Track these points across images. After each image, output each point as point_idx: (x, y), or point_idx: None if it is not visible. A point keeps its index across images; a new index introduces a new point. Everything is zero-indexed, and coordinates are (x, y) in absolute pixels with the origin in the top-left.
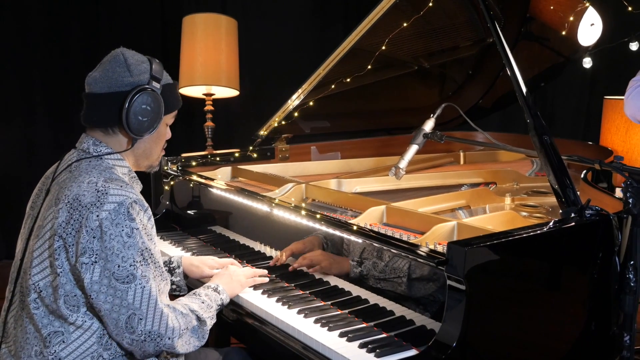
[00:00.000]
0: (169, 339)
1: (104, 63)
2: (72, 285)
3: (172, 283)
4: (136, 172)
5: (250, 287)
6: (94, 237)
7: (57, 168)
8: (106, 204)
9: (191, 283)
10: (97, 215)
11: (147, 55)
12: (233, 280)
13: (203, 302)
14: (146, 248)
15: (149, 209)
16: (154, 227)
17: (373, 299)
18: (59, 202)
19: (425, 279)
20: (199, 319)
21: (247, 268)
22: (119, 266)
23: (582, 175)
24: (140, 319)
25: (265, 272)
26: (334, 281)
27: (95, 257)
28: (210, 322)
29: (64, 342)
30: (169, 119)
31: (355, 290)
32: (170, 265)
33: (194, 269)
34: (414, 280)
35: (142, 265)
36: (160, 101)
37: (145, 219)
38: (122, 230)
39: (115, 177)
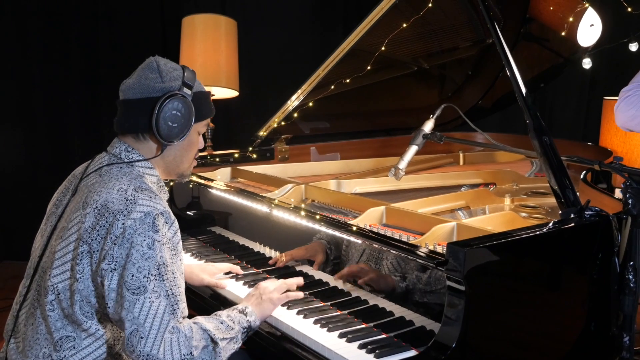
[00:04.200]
0: None
1: (137, 70)
2: (88, 291)
3: None
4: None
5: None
6: (114, 244)
7: (86, 169)
8: (133, 212)
9: (199, 289)
10: (123, 223)
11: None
12: (263, 300)
13: (222, 323)
14: (164, 263)
15: (176, 222)
16: (180, 242)
17: (372, 299)
18: (87, 207)
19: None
20: (212, 339)
21: (280, 281)
22: (132, 275)
23: (581, 176)
24: (141, 337)
25: (301, 279)
26: (332, 282)
27: (115, 265)
28: (224, 343)
29: (74, 348)
30: (201, 127)
31: (355, 291)
32: None
33: (194, 277)
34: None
35: (156, 279)
36: (190, 107)
37: (170, 234)
38: (144, 240)
39: (145, 187)
